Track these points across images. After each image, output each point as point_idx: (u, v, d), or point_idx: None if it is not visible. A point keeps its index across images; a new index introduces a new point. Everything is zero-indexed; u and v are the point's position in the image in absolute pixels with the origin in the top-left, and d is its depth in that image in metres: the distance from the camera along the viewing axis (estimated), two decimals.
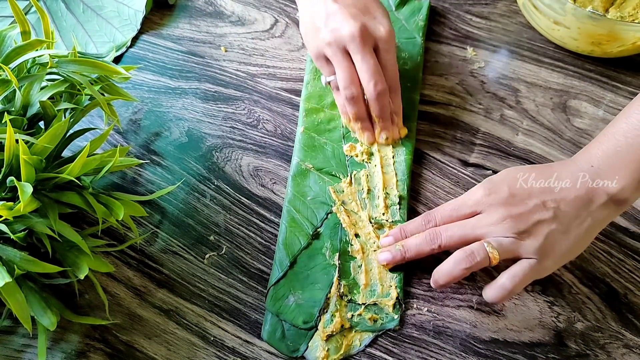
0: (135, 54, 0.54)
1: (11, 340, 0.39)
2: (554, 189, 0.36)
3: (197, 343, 0.40)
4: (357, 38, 0.40)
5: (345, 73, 0.42)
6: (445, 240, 0.38)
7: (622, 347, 0.40)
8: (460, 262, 0.36)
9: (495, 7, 0.57)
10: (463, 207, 0.38)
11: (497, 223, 0.36)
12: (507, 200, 0.36)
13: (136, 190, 0.46)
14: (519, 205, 0.36)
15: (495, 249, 0.35)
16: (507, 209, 0.36)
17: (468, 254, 0.36)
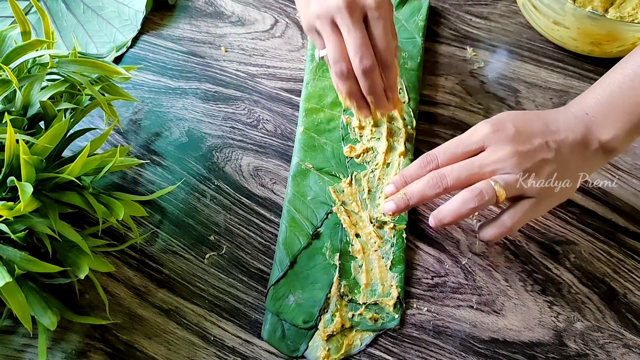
0: (135, 54, 0.54)
1: (11, 340, 0.39)
2: (555, 131, 0.36)
3: (197, 343, 0.40)
4: (343, 9, 0.38)
5: (334, 47, 0.39)
6: (451, 182, 0.36)
7: (622, 347, 0.40)
8: (469, 201, 0.35)
9: (495, 7, 0.57)
10: (467, 144, 0.37)
11: (506, 160, 0.35)
12: (514, 137, 0.36)
13: (136, 190, 0.46)
14: (525, 143, 0.36)
15: (503, 188, 0.35)
16: (514, 145, 0.36)
17: (477, 194, 0.35)
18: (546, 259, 0.43)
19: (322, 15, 0.39)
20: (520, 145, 0.36)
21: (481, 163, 0.36)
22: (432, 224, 0.38)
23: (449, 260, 0.43)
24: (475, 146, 0.37)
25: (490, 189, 0.35)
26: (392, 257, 0.42)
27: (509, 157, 0.35)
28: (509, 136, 0.36)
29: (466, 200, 0.36)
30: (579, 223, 0.45)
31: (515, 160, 0.35)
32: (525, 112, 0.38)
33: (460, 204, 0.36)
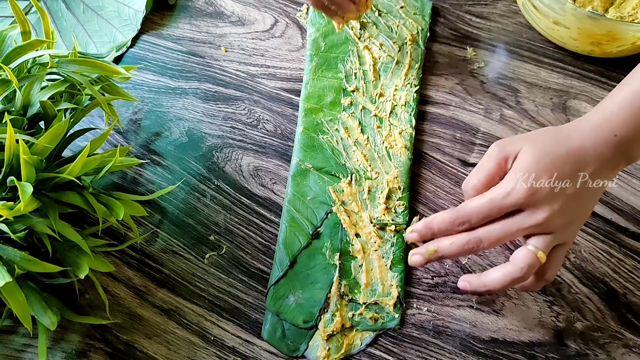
0: (135, 54, 0.54)
1: (11, 340, 0.39)
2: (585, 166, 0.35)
3: (197, 343, 0.40)
4: None
5: None
6: (487, 245, 0.35)
7: (622, 347, 0.40)
8: (516, 275, 0.34)
9: (495, 7, 0.57)
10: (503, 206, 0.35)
11: (544, 223, 0.35)
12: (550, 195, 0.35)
13: (136, 190, 0.46)
14: (560, 198, 0.35)
15: (543, 251, 0.34)
16: (550, 205, 0.35)
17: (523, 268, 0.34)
18: None
19: None
20: (556, 202, 0.35)
21: (519, 227, 0.35)
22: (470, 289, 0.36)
23: (449, 260, 0.43)
24: (511, 209, 0.35)
25: (533, 258, 0.34)
26: (392, 257, 0.42)
27: (547, 219, 0.34)
28: (544, 196, 0.35)
29: (513, 276, 0.35)
30: None
31: (553, 221, 0.35)
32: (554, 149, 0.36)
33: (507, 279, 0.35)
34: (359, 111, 0.49)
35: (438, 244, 0.36)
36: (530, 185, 0.35)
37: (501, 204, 0.35)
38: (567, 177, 0.35)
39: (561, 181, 0.35)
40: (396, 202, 0.44)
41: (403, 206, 0.44)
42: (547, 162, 0.35)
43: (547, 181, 0.35)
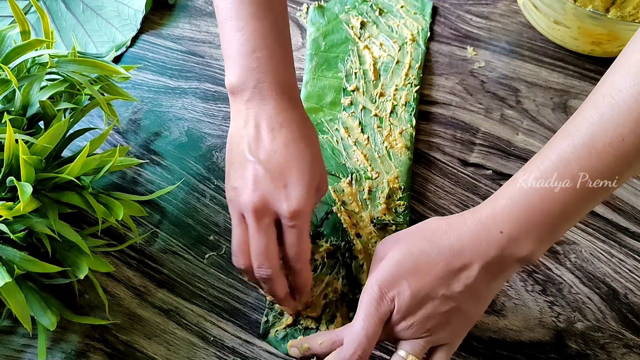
0: (135, 54, 0.54)
1: (11, 340, 0.39)
2: (459, 269, 0.32)
3: (197, 343, 0.40)
4: (251, 212, 0.34)
5: (236, 240, 0.36)
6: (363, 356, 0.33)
7: (622, 347, 0.40)
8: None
9: (496, 7, 0.57)
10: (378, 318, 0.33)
11: (406, 330, 0.33)
12: (411, 302, 0.32)
13: (136, 190, 0.46)
14: (423, 306, 0.32)
15: (413, 355, 0.33)
16: (412, 316, 0.32)
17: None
18: (547, 259, 0.43)
19: (232, 203, 0.36)
20: (418, 310, 0.32)
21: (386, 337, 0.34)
22: None
23: None
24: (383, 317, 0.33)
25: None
26: None
27: (407, 327, 0.32)
28: (406, 304, 0.32)
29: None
30: (580, 223, 0.45)
31: (415, 329, 0.32)
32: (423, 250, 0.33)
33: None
34: (359, 111, 0.49)
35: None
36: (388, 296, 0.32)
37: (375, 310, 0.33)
38: (435, 281, 0.32)
39: (427, 286, 0.32)
40: (397, 202, 0.44)
41: (404, 206, 0.44)
42: (409, 267, 0.33)
43: (406, 287, 0.32)
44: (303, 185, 0.35)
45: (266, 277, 0.35)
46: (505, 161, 0.48)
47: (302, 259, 0.36)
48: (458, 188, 0.46)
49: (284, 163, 0.35)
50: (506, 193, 0.32)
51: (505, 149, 0.48)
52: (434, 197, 0.46)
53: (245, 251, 0.35)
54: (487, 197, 0.45)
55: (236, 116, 0.37)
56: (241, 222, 0.36)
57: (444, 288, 0.32)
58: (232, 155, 0.37)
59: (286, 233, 0.35)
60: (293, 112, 0.36)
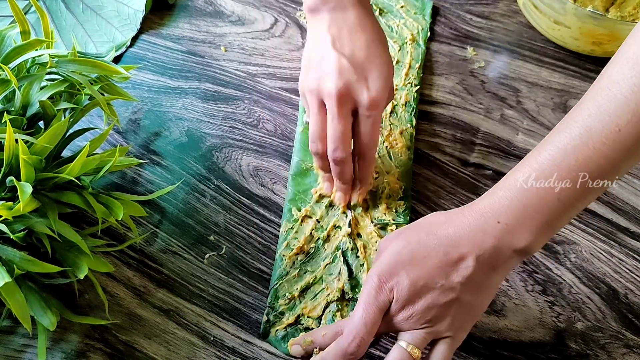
0: (135, 54, 0.54)
1: (11, 340, 0.39)
2: (457, 260, 0.32)
3: (197, 343, 0.40)
4: (333, 98, 0.37)
5: (315, 127, 0.39)
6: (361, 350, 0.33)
7: (623, 347, 0.40)
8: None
9: (496, 7, 0.57)
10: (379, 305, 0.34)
11: (406, 321, 0.33)
12: (409, 292, 0.32)
13: (136, 190, 0.46)
14: (422, 296, 0.32)
15: (414, 346, 0.33)
16: (411, 306, 0.33)
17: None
18: (547, 259, 0.43)
19: (314, 92, 0.39)
20: (417, 300, 0.33)
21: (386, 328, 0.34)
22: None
23: None
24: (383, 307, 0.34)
25: (404, 355, 0.33)
26: None
27: (408, 318, 0.33)
28: (404, 294, 0.33)
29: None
30: (580, 223, 0.45)
31: (415, 320, 0.33)
32: (421, 241, 0.33)
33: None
34: None
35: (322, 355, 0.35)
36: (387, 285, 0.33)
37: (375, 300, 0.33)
38: (433, 271, 0.32)
39: (425, 276, 0.32)
40: (397, 202, 0.44)
41: (404, 206, 0.44)
42: (407, 257, 0.33)
43: (404, 277, 0.32)
44: (383, 80, 0.38)
45: (340, 159, 0.39)
46: (505, 161, 0.48)
47: (373, 148, 0.40)
48: (458, 188, 0.46)
49: (365, 59, 0.38)
50: (504, 186, 0.32)
51: (505, 149, 0.48)
52: (434, 197, 0.46)
53: (324, 137, 0.39)
54: None
55: (317, 27, 0.40)
56: (321, 110, 0.39)
57: (443, 278, 0.32)
58: (312, 53, 0.40)
59: (362, 122, 0.39)
60: (371, 19, 0.40)
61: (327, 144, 0.39)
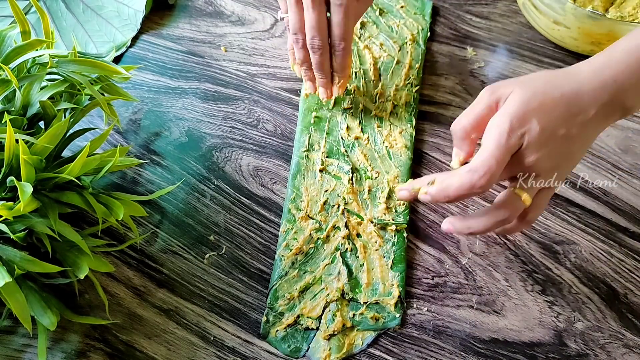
0: (135, 54, 0.54)
1: (11, 340, 0.39)
2: (578, 113, 0.34)
3: (197, 343, 0.40)
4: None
5: (294, 19, 0.41)
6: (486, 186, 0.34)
7: (622, 347, 0.40)
8: (498, 216, 0.35)
9: (495, 7, 0.57)
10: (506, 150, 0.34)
11: (530, 166, 0.35)
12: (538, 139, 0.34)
13: (136, 190, 0.46)
14: (547, 144, 0.34)
15: (528, 194, 0.35)
16: (538, 150, 0.34)
17: (505, 210, 0.35)
18: (546, 259, 0.43)
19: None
20: (544, 147, 0.34)
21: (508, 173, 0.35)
22: (458, 230, 0.36)
23: (449, 260, 0.43)
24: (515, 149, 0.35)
25: (517, 202, 0.35)
26: (393, 257, 0.42)
27: (534, 163, 0.34)
28: (534, 140, 0.34)
29: (495, 215, 0.35)
30: (580, 223, 0.45)
31: (539, 165, 0.34)
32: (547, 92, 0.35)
33: (490, 219, 0.35)
34: (359, 111, 0.49)
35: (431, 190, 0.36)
36: None
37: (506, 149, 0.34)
38: (558, 120, 0.34)
39: (552, 125, 0.34)
40: (397, 202, 0.44)
41: (404, 206, 0.44)
42: (536, 105, 0.34)
43: (536, 124, 0.34)
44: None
45: (318, 46, 0.41)
46: None
47: (347, 38, 0.41)
48: None
49: None
50: (621, 47, 0.34)
51: None
52: None
53: (302, 28, 0.41)
54: (487, 197, 0.46)
55: None
56: (297, 3, 0.41)
57: (564, 128, 0.34)
58: None
59: (334, 12, 0.40)
60: None
61: (305, 35, 0.41)
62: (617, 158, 0.48)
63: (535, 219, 0.37)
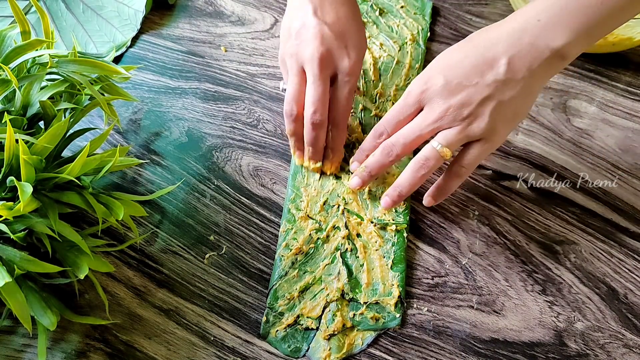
0: (135, 54, 0.54)
1: (11, 340, 0.39)
2: (493, 59, 0.34)
3: (197, 343, 0.40)
4: (316, 62, 0.39)
5: (292, 89, 0.41)
6: (400, 150, 0.38)
7: (622, 347, 0.40)
8: (418, 170, 0.38)
9: (495, 7, 0.57)
10: (406, 108, 0.38)
11: (441, 117, 0.35)
12: (445, 89, 0.35)
13: (136, 190, 0.46)
14: (457, 92, 0.35)
15: (445, 146, 0.36)
16: (446, 99, 0.35)
17: (422, 163, 0.37)
18: (546, 259, 0.43)
19: (294, 56, 0.40)
20: (452, 97, 0.35)
21: (420, 125, 0.37)
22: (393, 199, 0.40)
23: (449, 260, 0.43)
24: (413, 108, 0.37)
25: (434, 153, 0.36)
26: (393, 257, 0.42)
27: (444, 113, 0.35)
28: (439, 90, 0.35)
29: (415, 170, 0.38)
30: (579, 223, 0.45)
31: (450, 114, 0.35)
32: (459, 47, 0.36)
33: (411, 175, 0.38)
34: (359, 111, 0.49)
35: (366, 161, 0.40)
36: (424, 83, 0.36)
37: (404, 106, 0.38)
38: (468, 70, 0.34)
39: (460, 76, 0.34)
40: None
41: (404, 206, 0.44)
42: (443, 63, 0.36)
43: (440, 78, 0.35)
44: (360, 50, 0.41)
45: (318, 122, 0.40)
46: (505, 161, 0.48)
47: (346, 115, 0.42)
48: (458, 188, 0.46)
49: (345, 30, 0.40)
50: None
51: (505, 149, 0.48)
52: None
53: (300, 100, 0.41)
54: (487, 197, 0.46)
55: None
56: (299, 75, 0.41)
57: (478, 77, 0.34)
58: (292, 22, 0.41)
59: (340, 88, 0.41)
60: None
61: (302, 106, 0.41)
62: (617, 158, 0.48)
63: (463, 173, 0.38)
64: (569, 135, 0.49)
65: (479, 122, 0.35)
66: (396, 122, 0.39)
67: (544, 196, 0.46)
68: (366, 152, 0.41)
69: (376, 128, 0.40)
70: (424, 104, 0.37)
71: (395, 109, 0.39)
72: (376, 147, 0.40)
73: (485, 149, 0.36)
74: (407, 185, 0.39)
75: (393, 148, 0.38)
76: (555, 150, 0.48)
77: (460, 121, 0.35)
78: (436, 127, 0.36)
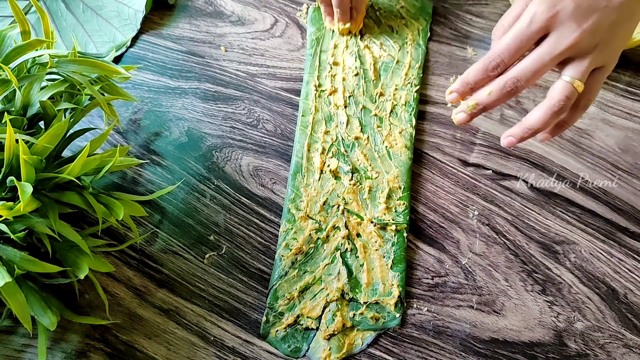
0: (135, 54, 0.54)
1: (11, 340, 0.39)
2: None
3: (197, 343, 0.40)
4: None
5: None
6: (525, 83, 0.34)
7: (622, 347, 0.40)
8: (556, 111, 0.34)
9: (495, 7, 0.57)
10: (528, 35, 0.34)
11: (575, 45, 0.33)
12: (575, 13, 0.32)
13: (136, 190, 0.46)
14: (588, 16, 0.32)
15: (579, 80, 0.33)
16: (578, 24, 0.32)
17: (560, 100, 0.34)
18: (546, 259, 0.43)
19: None
20: (584, 21, 0.32)
21: (551, 54, 0.33)
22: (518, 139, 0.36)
23: (449, 260, 0.43)
24: (538, 35, 0.33)
25: (570, 89, 0.33)
26: (393, 257, 0.42)
27: (578, 40, 0.32)
28: (571, 14, 0.32)
29: (551, 110, 0.34)
30: (579, 223, 0.45)
31: (584, 41, 0.32)
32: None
33: (544, 115, 0.34)
34: (359, 110, 0.49)
35: (477, 96, 0.36)
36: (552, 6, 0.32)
37: (526, 32, 0.34)
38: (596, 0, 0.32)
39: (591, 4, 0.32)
40: (396, 202, 0.44)
41: (403, 206, 0.44)
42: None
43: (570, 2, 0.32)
44: None
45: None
46: (505, 161, 0.48)
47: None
48: (458, 188, 0.46)
49: None
50: None
51: (505, 149, 0.48)
52: (433, 197, 0.46)
53: None
54: (487, 197, 0.46)
55: None
56: None
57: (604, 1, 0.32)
58: None
59: None
60: None
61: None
62: (617, 158, 0.48)
63: (589, 104, 0.35)
64: (569, 135, 0.49)
65: (608, 49, 0.33)
66: (516, 51, 0.34)
67: (544, 196, 0.46)
68: (471, 85, 0.36)
69: (488, 58, 0.35)
70: (551, 29, 0.33)
71: (513, 36, 0.34)
72: (486, 79, 0.35)
73: (604, 76, 0.35)
74: (540, 124, 0.34)
75: (518, 83, 0.34)
76: (555, 150, 0.48)
77: (593, 48, 0.33)
78: (567, 55, 0.33)
